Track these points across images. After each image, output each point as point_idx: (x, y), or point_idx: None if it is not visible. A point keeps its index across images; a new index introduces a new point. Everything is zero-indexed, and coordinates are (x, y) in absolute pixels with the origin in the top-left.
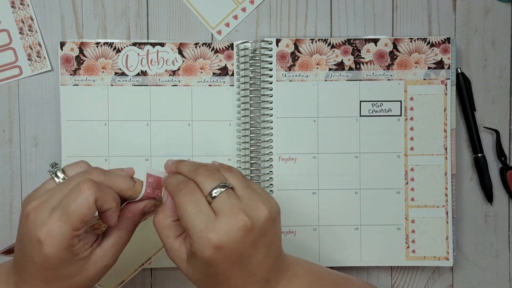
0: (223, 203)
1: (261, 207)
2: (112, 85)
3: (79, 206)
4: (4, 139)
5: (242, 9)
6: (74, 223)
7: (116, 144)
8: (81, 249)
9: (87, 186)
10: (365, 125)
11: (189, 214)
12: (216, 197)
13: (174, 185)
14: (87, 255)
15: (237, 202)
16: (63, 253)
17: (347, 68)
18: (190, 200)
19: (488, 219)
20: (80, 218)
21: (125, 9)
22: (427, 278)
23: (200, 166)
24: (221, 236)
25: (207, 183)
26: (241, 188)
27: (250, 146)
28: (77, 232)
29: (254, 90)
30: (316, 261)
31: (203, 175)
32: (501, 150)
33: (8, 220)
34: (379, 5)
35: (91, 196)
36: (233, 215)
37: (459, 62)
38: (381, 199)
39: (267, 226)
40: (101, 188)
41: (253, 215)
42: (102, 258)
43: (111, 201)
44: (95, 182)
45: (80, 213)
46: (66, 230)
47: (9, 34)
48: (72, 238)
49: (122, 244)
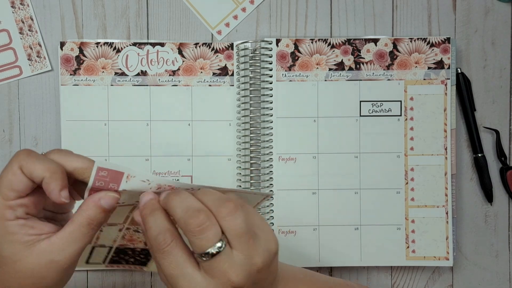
0: (215, 268)
1: (256, 262)
2: (112, 85)
3: (4, 173)
4: (4, 139)
5: (242, 9)
6: (2, 191)
7: (116, 144)
8: (21, 230)
9: (16, 154)
10: (365, 125)
11: (169, 276)
12: (205, 260)
13: (152, 235)
14: (27, 241)
15: (230, 266)
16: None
17: (347, 68)
18: (170, 263)
19: (488, 219)
20: (6, 185)
21: (125, 9)
22: (427, 278)
23: (192, 217)
24: None
25: (199, 243)
26: (237, 241)
27: (250, 146)
28: (7, 202)
29: (254, 90)
30: (316, 261)
31: (193, 234)
32: (501, 150)
33: None
34: (379, 5)
35: (15, 162)
36: (222, 280)
37: (459, 62)
38: (381, 199)
39: (257, 278)
40: (30, 156)
41: (245, 275)
42: (47, 251)
43: (41, 170)
44: (27, 151)
45: (5, 180)
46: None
47: (9, 34)
48: (4, 209)
49: (73, 242)
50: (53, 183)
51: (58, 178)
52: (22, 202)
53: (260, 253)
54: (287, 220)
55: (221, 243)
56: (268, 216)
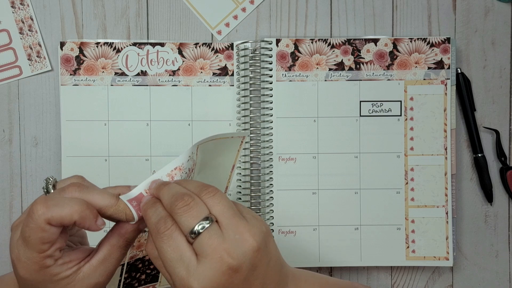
0: (205, 245)
1: (248, 240)
2: (112, 85)
3: (32, 232)
4: (4, 139)
5: (242, 9)
6: (36, 247)
7: (116, 144)
8: (62, 268)
9: (35, 209)
10: (365, 125)
11: (169, 260)
12: (196, 237)
13: (152, 223)
14: (71, 273)
15: (220, 242)
16: (36, 275)
17: (347, 68)
18: (169, 246)
19: (488, 219)
20: (39, 242)
21: (125, 9)
22: (427, 278)
23: (177, 199)
24: (205, 283)
25: (185, 222)
26: (225, 218)
27: (250, 146)
28: (44, 254)
29: (254, 90)
30: (316, 261)
31: (180, 213)
32: (501, 150)
33: (8, 220)
34: (379, 5)
35: (40, 218)
36: (215, 259)
37: (459, 62)
38: (381, 199)
39: (256, 259)
40: (52, 207)
41: (239, 253)
42: (91, 275)
43: (69, 216)
44: (44, 201)
45: (36, 238)
46: (31, 255)
47: (9, 34)
48: (42, 260)
49: (113, 261)
50: (87, 221)
51: (89, 213)
52: (56, 246)
53: (250, 231)
54: (287, 220)
55: (208, 220)
56: (268, 216)
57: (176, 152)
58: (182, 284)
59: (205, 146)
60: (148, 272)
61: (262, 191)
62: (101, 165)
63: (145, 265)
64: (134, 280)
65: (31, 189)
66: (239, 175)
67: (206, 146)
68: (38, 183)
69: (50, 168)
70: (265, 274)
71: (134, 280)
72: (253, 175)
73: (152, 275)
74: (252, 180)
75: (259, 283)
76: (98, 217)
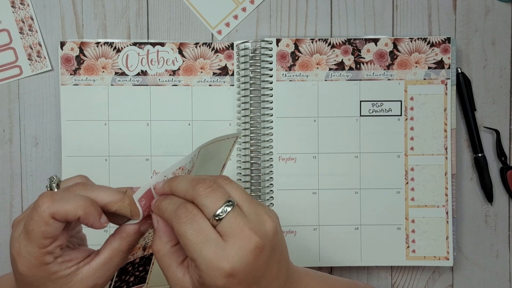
0: (231, 225)
1: (268, 221)
2: (112, 85)
3: (36, 225)
4: (4, 139)
5: (242, 9)
6: (37, 241)
7: (116, 144)
8: (61, 266)
9: (41, 202)
10: (365, 125)
11: (194, 244)
12: (222, 219)
13: (170, 211)
14: (70, 273)
15: (246, 221)
16: (36, 271)
17: (347, 68)
18: (193, 229)
19: (488, 219)
20: (41, 236)
21: (125, 9)
22: (427, 278)
23: (198, 183)
24: (234, 263)
25: (210, 205)
26: (245, 202)
27: (250, 146)
28: (45, 249)
29: (254, 90)
30: (316, 261)
31: (204, 196)
32: (501, 150)
33: (8, 220)
34: (379, 5)
35: (45, 212)
36: (243, 238)
37: (459, 62)
38: (381, 199)
39: (275, 240)
40: (57, 201)
41: (263, 233)
42: (90, 277)
43: (74, 211)
44: (50, 195)
45: (39, 231)
46: (33, 249)
47: (9, 34)
48: (43, 256)
49: (113, 265)
50: (91, 218)
51: (93, 210)
52: (57, 244)
53: (268, 214)
54: (287, 220)
55: (231, 202)
56: None
57: (176, 152)
58: (211, 266)
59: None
60: (137, 274)
61: (262, 191)
62: (101, 165)
63: (134, 268)
64: (123, 283)
65: (31, 189)
66: (239, 175)
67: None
68: (38, 183)
69: (50, 168)
70: (280, 258)
71: (123, 283)
72: (253, 175)
73: (140, 276)
74: (252, 180)
75: (276, 267)
76: (102, 215)
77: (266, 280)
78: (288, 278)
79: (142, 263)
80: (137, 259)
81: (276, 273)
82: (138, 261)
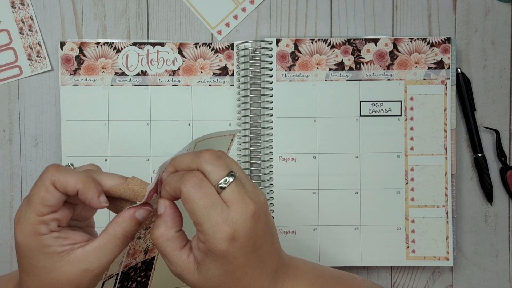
0: (234, 193)
1: (260, 193)
2: (112, 85)
3: (37, 190)
4: (4, 139)
5: (242, 9)
6: (36, 207)
7: (116, 144)
8: (55, 242)
9: (46, 170)
10: (365, 125)
11: (202, 207)
12: (226, 187)
13: (177, 180)
14: (62, 251)
15: (245, 191)
16: (30, 240)
17: (347, 68)
18: (201, 193)
19: (488, 219)
20: (40, 202)
21: (125, 9)
22: (427, 278)
23: (204, 153)
24: (237, 226)
25: (216, 172)
26: (242, 174)
27: (250, 146)
28: (41, 217)
29: (254, 90)
30: (316, 261)
31: (210, 163)
32: (501, 150)
33: (8, 220)
34: (379, 5)
35: (47, 179)
36: (244, 204)
37: (459, 62)
38: (381, 199)
39: (267, 212)
40: (61, 171)
41: (258, 201)
42: (82, 260)
43: (74, 183)
44: (56, 166)
45: (38, 197)
46: (30, 215)
47: (9, 34)
48: (38, 224)
49: (107, 252)
50: (90, 192)
51: (93, 186)
52: (54, 216)
53: (258, 188)
54: (287, 220)
55: (234, 172)
56: None
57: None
58: (217, 229)
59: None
60: (139, 280)
61: (262, 190)
62: (101, 165)
63: (136, 273)
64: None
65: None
66: None
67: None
68: None
69: None
70: (273, 232)
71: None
72: (253, 175)
73: (142, 282)
74: (252, 180)
75: (270, 240)
76: (102, 194)
77: (263, 250)
78: (281, 257)
79: (144, 268)
80: (139, 263)
81: (271, 246)
82: (140, 265)
